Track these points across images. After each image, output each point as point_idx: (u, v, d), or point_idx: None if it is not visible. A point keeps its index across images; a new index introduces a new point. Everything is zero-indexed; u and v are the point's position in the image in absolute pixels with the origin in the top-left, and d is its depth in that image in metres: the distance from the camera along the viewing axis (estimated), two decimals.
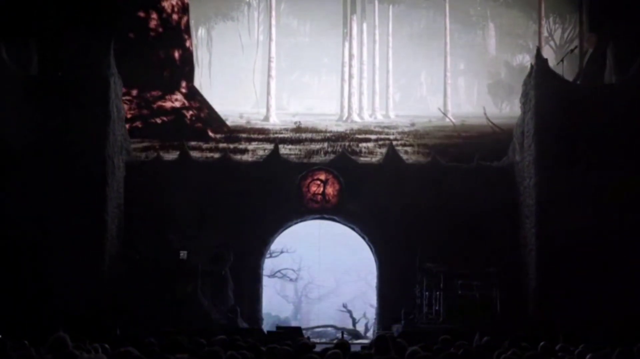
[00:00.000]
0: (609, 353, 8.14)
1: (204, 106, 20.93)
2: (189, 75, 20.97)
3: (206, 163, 17.94)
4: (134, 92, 20.17)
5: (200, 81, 21.25)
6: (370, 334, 19.22)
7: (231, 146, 19.67)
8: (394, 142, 19.36)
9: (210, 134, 20.46)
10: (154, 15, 20.79)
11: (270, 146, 18.90)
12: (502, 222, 17.46)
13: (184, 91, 20.93)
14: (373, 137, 20.35)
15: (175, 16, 21.01)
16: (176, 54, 20.94)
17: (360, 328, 18.99)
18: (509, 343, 9.12)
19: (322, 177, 17.75)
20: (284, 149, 19.09)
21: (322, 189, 17.68)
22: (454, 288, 16.23)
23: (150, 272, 15.94)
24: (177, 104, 20.89)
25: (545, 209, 16.03)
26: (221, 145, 19.56)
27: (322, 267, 19.00)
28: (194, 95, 21.15)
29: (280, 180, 17.73)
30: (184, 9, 21.05)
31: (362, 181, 17.76)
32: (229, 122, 20.66)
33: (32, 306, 15.07)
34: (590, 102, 16.17)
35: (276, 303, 19.41)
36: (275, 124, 20.94)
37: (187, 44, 21.08)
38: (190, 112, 20.80)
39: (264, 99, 21.43)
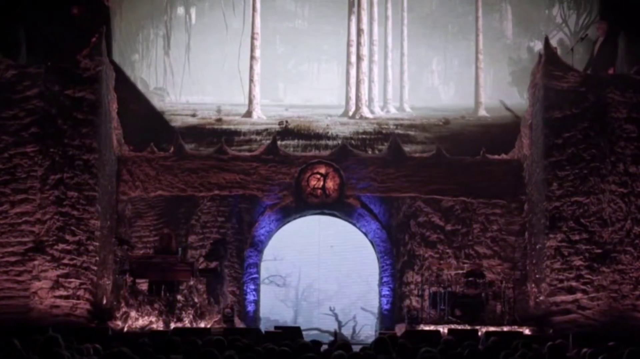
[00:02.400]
0: (620, 353, 8.13)
1: (132, 98, 17.33)
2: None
3: (201, 156, 17.91)
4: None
5: (173, 67, 18.92)
6: (362, 337, 19.13)
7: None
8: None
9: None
10: None
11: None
12: (508, 217, 17.49)
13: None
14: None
15: None
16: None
17: (348, 330, 18.91)
18: (516, 343, 9.12)
19: (322, 170, 17.73)
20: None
21: (322, 183, 17.66)
22: (459, 285, 16.22)
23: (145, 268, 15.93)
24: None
25: (554, 204, 16.01)
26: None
27: (322, 269, 18.89)
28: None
29: (279, 174, 17.72)
30: None
31: (364, 174, 17.74)
32: (196, 119, 18.19)
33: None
34: (601, 92, 16.15)
35: (276, 307, 19.28)
36: (258, 122, 18.48)
37: None
38: None
39: (254, 88, 18.45)
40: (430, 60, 19.73)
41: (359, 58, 18.73)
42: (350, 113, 19.07)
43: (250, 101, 18.37)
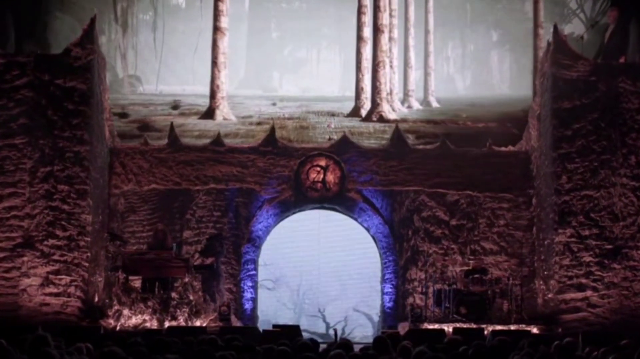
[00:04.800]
0: (631, 353, 8.11)
1: None
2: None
3: (197, 148, 17.87)
4: None
5: (145, 53, 17.91)
6: (357, 339, 19.15)
7: None
8: None
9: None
10: None
11: None
12: (516, 212, 17.47)
13: None
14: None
15: None
16: None
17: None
18: (524, 343, 9.10)
19: (323, 163, 17.70)
20: None
21: (322, 176, 17.64)
22: (464, 283, 16.19)
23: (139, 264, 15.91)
24: None
25: (563, 198, 15.99)
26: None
27: (322, 270, 18.85)
28: None
29: (277, 166, 17.70)
30: None
31: (366, 167, 17.71)
32: (118, 123, 16.68)
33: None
34: (612, 82, 16.11)
35: (277, 310, 19.27)
36: (213, 129, 16.36)
37: None
38: None
39: (219, 74, 14.58)
40: (445, 46, 18.57)
41: (376, 30, 14.28)
42: (363, 112, 16.58)
43: (213, 94, 14.76)
